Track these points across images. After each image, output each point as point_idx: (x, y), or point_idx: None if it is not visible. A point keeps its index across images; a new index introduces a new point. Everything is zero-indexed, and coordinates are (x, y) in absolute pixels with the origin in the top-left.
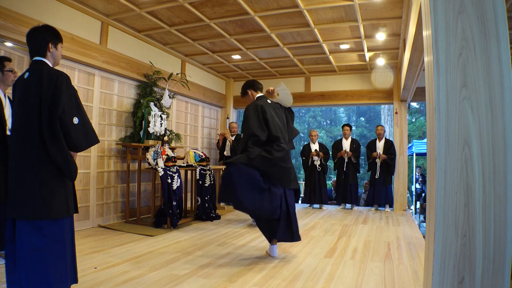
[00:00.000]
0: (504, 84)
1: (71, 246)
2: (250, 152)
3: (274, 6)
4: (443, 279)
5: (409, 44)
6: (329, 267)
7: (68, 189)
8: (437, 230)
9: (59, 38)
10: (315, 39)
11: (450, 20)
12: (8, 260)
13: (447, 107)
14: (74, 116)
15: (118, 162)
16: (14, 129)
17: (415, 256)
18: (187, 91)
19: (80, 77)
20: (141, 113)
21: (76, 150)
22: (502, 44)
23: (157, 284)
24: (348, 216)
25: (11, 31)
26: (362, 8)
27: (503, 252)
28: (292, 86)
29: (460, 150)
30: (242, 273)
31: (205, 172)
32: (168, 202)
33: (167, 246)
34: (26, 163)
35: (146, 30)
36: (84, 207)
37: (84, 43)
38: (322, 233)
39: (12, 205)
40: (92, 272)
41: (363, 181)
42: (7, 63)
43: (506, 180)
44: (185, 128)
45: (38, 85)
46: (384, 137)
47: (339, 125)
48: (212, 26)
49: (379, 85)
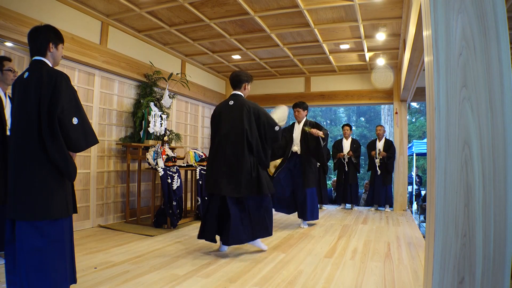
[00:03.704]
0: (504, 84)
1: (70, 246)
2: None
3: (274, 6)
4: (443, 279)
5: (409, 44)
6: (329, 267)
7: (67, 189)
8: (437, 230)
9: (60, 39)
10: (315, 39)
11: (450, 20)
12: (7, 260)
13: (447, 107)
14: (73, 116)
15: (118, 162)
16: (13, 129)
17: (415, 256)
18: (187, 91)
19: (80, 77)
20: (141, 113)
21: (75, 150)
22: (502, 44)
23: (157, 284)
24: (348, 216)
25: (11, 31)
26: (362, 8)
27: (503, 252)
28: (292, 86)
29: (460, 150)
30: (242, 273)
31: (205, 172)
32: (168, 202)
33: (167, 246)
34: (25, 163)
35: (146, 30)
36: (84, 207)
37: (84, 43)
38: (322, 233)
39: (11, 205)
40: (92, 272)
41: (363, 181)
42: (6, 62)
43: (506, 180)
44: (185, 128)
45: (38, 85)
46: (384, 137)
47: (339, 125)
48: (212, 26)
49: (379, 85)
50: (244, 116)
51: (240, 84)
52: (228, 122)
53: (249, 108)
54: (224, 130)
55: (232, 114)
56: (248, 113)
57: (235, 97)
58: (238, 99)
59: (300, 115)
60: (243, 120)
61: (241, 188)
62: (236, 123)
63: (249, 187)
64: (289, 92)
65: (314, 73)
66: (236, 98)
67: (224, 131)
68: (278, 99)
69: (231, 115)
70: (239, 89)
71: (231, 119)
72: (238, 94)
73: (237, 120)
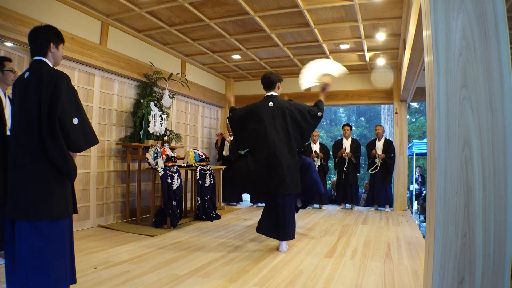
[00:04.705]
0: (504, 84)
1: (70, 246)
2: None
3: (274, 6)
4: (443, 279)
5: (409, 44)
6: (329, 267)
7: (67, 189)
8: (437, 230)
9: (61, 39)
10: (315, 39)
11: (450, 20)
12: (7, 260)
13: (447, 107)
14: (73, 116)
15: (118, 162)
16: (13, 129)
17: (415, 256)
18: (187, 91)
19: (80, 77)
20: (141, 113)
21: (76, 150)
22: (502, 44)
23: (157, 284)
24: (348, 216)
25: (11, 31)
26: (362, 8)
27: (503, 252)
28: (292, 86)
29: (460, 150)
30: (242, 273)
31: (205, 172)
32: (168, 202)
33: (167, 246)
34: (26, 163)
35: (146, 30)
36: (84, 207)
37: (84, 43)
38: (322, 233)
39: (11, 205)
40: (92, 272)
41: (363, 181)
42: (7, 63)
43: (506, 180)
44: (185, 128)
45: (38, 85)
46: (383, 137)
47: (339, 125)
48: (212, 26)
49: (379, 85)
50: (287, 117)
51: (273, 85)
52: (272, 126)
53: (290, 108)
54: (270, 134)
55: (274, 116)
56: (290, 116)
57: (272, 98)
58: (275, 100)
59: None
60: (287, 123)
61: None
62: (279, 126)
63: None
64: (289, 92)
65: None
66: (273, 99)
67: (271, 136)
68: None
69: (272, 118)
70: (273, 89)
71: (274, 121)
72: (273, 95)
73: (280, 122)
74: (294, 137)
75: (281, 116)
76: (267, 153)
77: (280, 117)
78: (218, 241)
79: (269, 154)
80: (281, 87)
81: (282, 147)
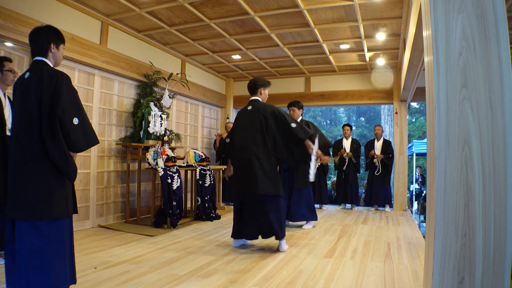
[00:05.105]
0: (504, 84)
1: (70, 247)
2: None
3: (274, 6)
4: (443, 279)
5: (409, 44)
6: (329, 267)
7: (67, 189)
8: (437, 230)
9: (62, 39)
10: (315, 39)
11: (450, 20)
12: (7, 260)
13: (447, 107)
14: (74, 116)
15: (118, 162)
16: (14, 129)
17: (415, 256)
18: (187, 91)
19: (80, 77)
20: (141, 113)
21: (76, 150)
22: (502, 44)
23: (157, 284)
24: (348, 216)
25: (11, 31)
26: (362, 8)
27: (503, 252)
28: (292, 86)
29: (460, 150)
30: (242, 273)
31: (205, 172)
32: (168, 202)
33: (167, 246)
34: (26, 163)
35: (146, 30)
36: (84, 207)
37: (84, 43)
38: (322, 233)
39: (11, 205)
40: (92, 272)
41: (363, 181)
42: (6, 63)
43: (506, 180)
44: (185, 128)
45: (39, 85)
46: (382, 137)
47: (339, 125)
48: (212, 26)
49: (379, 85)
50: (262, 120)
51: (255, 90)
52: (248, 128)
53: (264, 111)
54: (245, 135)
55: (251, 118)
56: (263, 116)
57: (252, 102)
58: (255, 104)
59: (295, 114)
60: (262, 126)
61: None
62: (248, 128)
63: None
64: (289, 92)
65: (314, 73)
66: (253, 103)
67: (246, 136)
68: (278, 99)
69: (249, 121)
70: (255, 94)
71: (250, 123)
72: (254, 100)
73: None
74: (269, 140)
75: (257, 118)
76: (243, 154)
77: (256, 119)
78: (218, 241)
79: (243, 155)
80: (267, 93)
81: (257, 148)
